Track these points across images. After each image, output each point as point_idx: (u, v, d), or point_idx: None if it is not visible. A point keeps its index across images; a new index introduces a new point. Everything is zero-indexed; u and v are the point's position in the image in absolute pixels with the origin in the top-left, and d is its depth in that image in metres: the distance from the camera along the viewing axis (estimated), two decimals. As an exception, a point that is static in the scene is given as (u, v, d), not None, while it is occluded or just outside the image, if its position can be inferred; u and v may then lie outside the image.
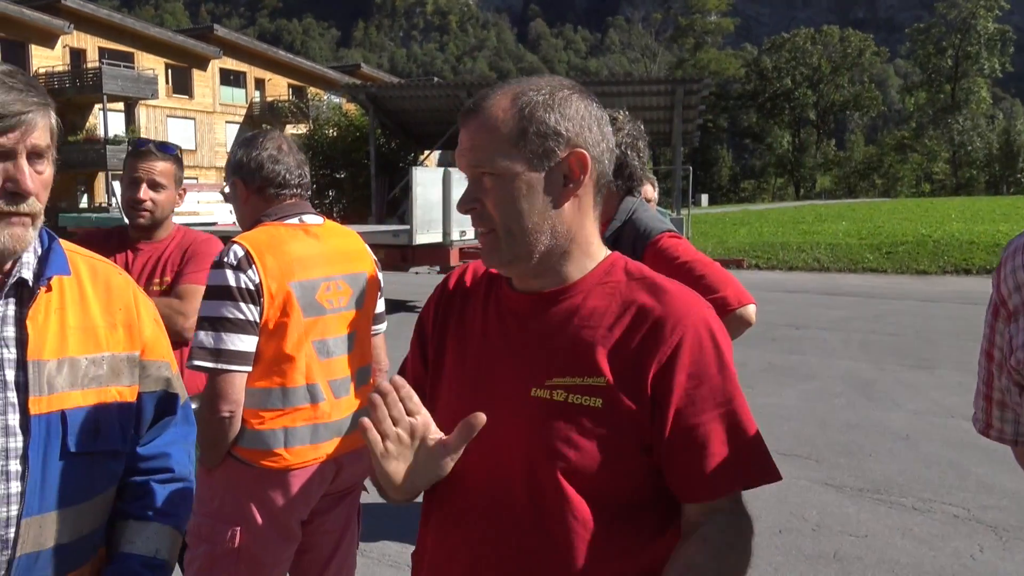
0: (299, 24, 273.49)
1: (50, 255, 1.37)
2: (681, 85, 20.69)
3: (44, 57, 33.60)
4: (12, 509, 1.28)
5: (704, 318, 1.22)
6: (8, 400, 1.29)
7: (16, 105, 1.23)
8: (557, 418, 1.18)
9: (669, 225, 2.41)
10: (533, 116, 1.19)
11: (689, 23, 78.09)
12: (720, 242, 23.26)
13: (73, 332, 1.37)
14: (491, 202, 1.21)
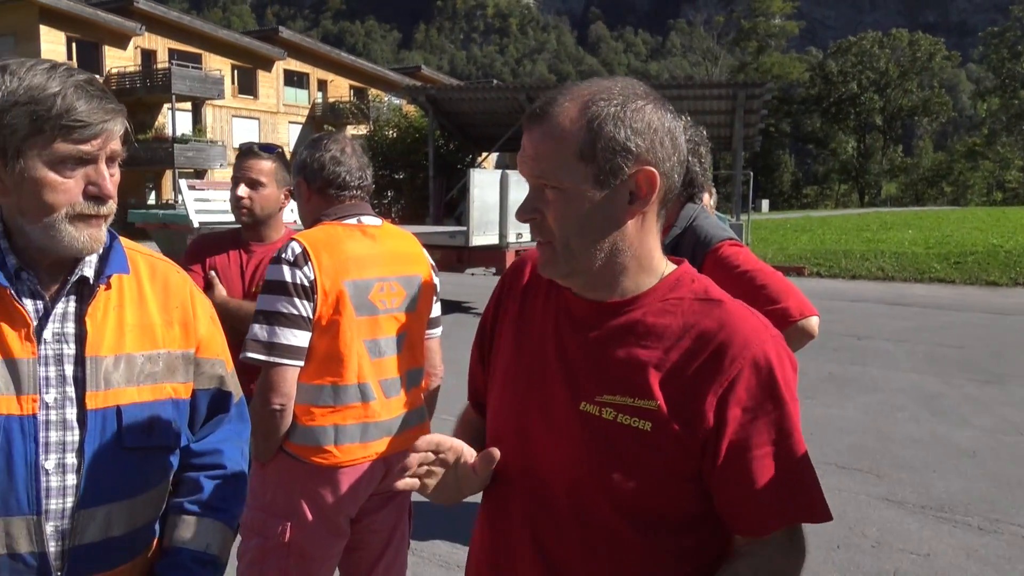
0: (361, 26, 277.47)
1: (111, 254, 1.41)
2: (743, 89, 20.40)
3: (116, 58, 34.65)
4: (68, 501, 1.32)
5: (765, 350, 1.17)
6: (67, 394, 1.32)
7: (98, 114, 1.27)
8: (604, 437, 1.16)
9: (730, 233, 2.36)
10: (602, 131, 1.14)
11: (752, 26, 76.93)
12: (780, 249, 22.86)
13: (131, 329, 1.40)
14: (552, 215, 1.17)
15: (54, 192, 1.27)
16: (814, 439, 5.98)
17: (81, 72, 1.31)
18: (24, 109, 1.24)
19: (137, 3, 35.15)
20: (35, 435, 1.29)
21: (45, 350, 1.31)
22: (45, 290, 1.34)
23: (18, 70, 1.26)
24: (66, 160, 1.27)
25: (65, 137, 1.25)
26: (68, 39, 32.89)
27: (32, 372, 1.29)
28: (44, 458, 1.30)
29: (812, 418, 6.55)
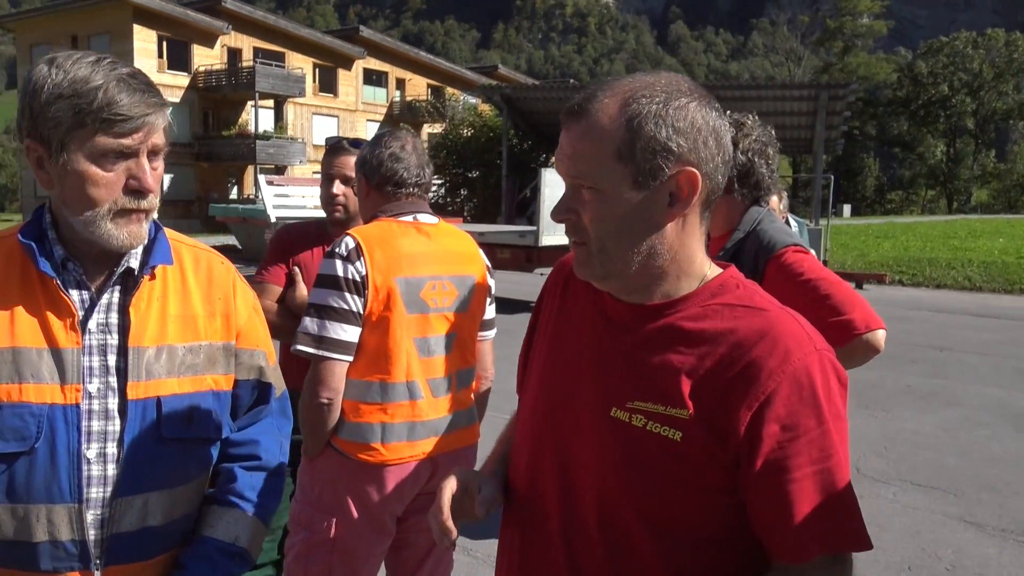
0: (441, 26, 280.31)
1: (155, 245, 1.41)
2: (825, 90, 19.84)
3: (204, 56, 35.75)
4: (108, 490, 1.33)
5: (807, 364, 1.09)
6: (110, 384, 1.33)
7: (140, 107, 1.27)
8: (633, 445, 1.12)
9: (796, 238, 2.24)
10: (642, 130, 1.08)
11: (838, 25, 74.78)
12: (861, 255, 22.18)
13: (173, 321, 1.40)
14: (588, 216, 1.12)
15: (95, 186, 1.28)
16: (888, 454, 5.76)
17: (125, 65, 1.31)
18: (68, 102, 1.25)
19: (225, 3, 36.22)
20: (78, 424, 1.30)
21: (89, 340, 1.33)
22: (91, 280, 1.36)
23: (64, 63, 1.27)
24: (107, 153, 1.27)
25: (106, 130, 1.26)
26: (159, 38, 34.10)
27: (76, 361, 1.30)
28: (86, 447, 1.31)
29: (887, 432, 6.30)
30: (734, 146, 2.22)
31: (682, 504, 1.11)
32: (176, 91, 34.78)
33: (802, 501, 1.07)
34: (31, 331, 1.29)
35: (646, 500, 1.12)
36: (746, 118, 2.30)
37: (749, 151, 2.25)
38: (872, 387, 7.88)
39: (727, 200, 2.29)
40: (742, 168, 2.25)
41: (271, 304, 2.78)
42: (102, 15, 34.27)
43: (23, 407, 1.27)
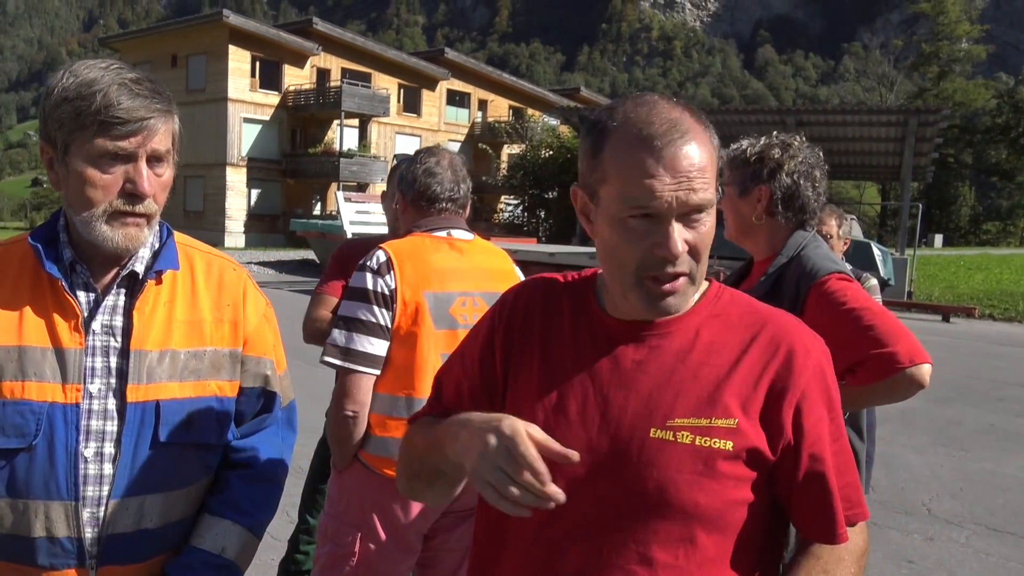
0: (526, 48, 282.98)
1: (163, 250, 1.44)
2: (915, 116, 19.20)
3: (294, 76, 36.90)
4: (104, 489, 1.35)
5: (821, 359, 1.20)
6: (110, 385, 1.35)
7: (140, 111, 1.30)
8: (684, 461, 1.11)
9: (841, 265, 2.13)
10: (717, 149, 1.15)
11: (934, 50, 72.43)
12: (949, 287, 21.29)
13: (179, 325, 1.42)
14: (705, 241, 1.13)
15: (93, 187, 1.30)
16: (964, 495, 5.47)
17: (133, 71, 1.34)
18: (71, 105, 1.28)
19: (316, 25, 37.41)
20: (77, 423, 1.32)
21: (93, 341, 1.35)
22: (97, 283, 1.38)
23: (77, 69, 1.31)
24: (104, 155, 1.29)
25: (104, 133, 1.28)
26: (253, 58, 35.36)
27: (78, 362, 1.33)
28: (84, 446, 1.33)
29: (965, 472, 6.00)
30: (779, 168, 2.16)
31: (736, 509, 1.14)
32: (267, 109, 35.99)
33: (837, 486, 1.16)
34: (37, 331, 1.33)
35: (702, 512, 1.12)
36: (793, 139, 2.21)
37: (795, 173, 2.16)
38: (952, 424, 7.52)
39: (770, 223, 2.21)
40: (787, 191, 2.16)
41: (327, 314, 2.82)
42: (200, 36, 35.78)
43: (24, 404, 1.30)
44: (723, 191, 2.31)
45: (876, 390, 1.98)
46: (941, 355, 11.81)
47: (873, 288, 3.73)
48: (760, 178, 2.17)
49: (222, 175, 34.75)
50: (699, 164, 1.09)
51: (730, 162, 2.24)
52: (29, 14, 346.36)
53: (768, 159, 2.16)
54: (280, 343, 1.61)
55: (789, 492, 1.17)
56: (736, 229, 2.28)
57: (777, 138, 2.21)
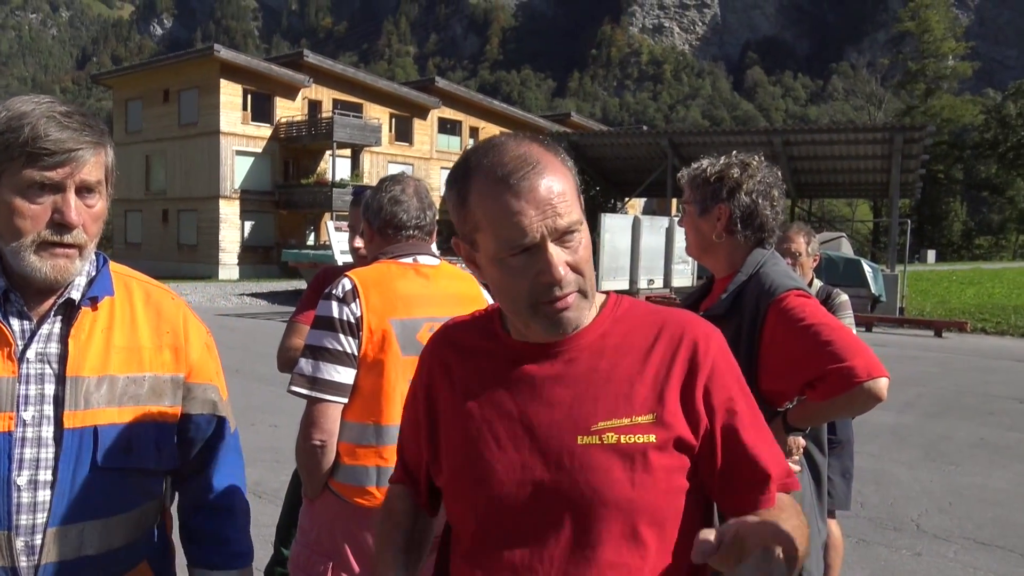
0: (517, 75, 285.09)
1: (98, 277, 1.45)
2: (900, 133, 19.38)
3: (286, 108, 37.10)
4: (39, 517, 1.34)
5: (720, 341, 1.27)
6: (44, 413, 1.36)
7: (68, 143, 1.31)
8: (614, 461, 1.17)
9: (799, 283, 2.15)
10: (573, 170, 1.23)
11: (920, 68, 73.08)
12: (941, 301, 21.36)
13: (117, 351, 1.43)
14: (583, 257, 1.21)
15: (21, 217, 1.32)
16: (953, 510, 5.47)
17: (64, 104, 1.36)
18: (2, 138, 1.30)
19: (307, 57, 37.66)
20: (8, 451, 1.32)
21: (27, 369, 1.35)
22: (32, 311, 1.39)
23: (11, 103, 1.34)
24: (33, 186, 1.31)
25: (32, 164, 1.30)
26: (244, 91, 35.57)
27: (10, 390, 1.33)
28: (16, 474, 1.33)
29: (954, 487, 5.99)
30: (738, 187, 2.20)
31: (667, 501, 1.19)
32: (259, 142, 36.16)
33: (759, 452, 1.22)
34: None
35: (636, 508, 1.17)
36: (752, 159, 2.25)
37: (754, 192, 2.20)
38: (941, 439, 7.52)
39: (730, 241, 2.23)
40: (745, 209, 2.19)
41: (300, 343, 2.83)
42: (192, 71, 36.02)
43: None
44: (684, 210, 2.34)
45: (835, 404, 1.99)
46: (933, 370, 11.82)
47: (844, 304, 3.76)
48: (720, 197, 2.20)
49: (215, 208, 34.82)
50: (558, 190, 1.15)
51: (690, 181, 2.28)
52: (23, 53, 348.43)
53: (727, 179, 2.19)
54: (221, 370, 1.64)
55: (713, 470, 1.22)
56: (696, 247, 2.31)
57: (736, 158, 2.24)
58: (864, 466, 6.46)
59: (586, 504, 1.16)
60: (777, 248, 3.77)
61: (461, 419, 1.27)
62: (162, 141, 37.07)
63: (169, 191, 36.88)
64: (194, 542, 1.58)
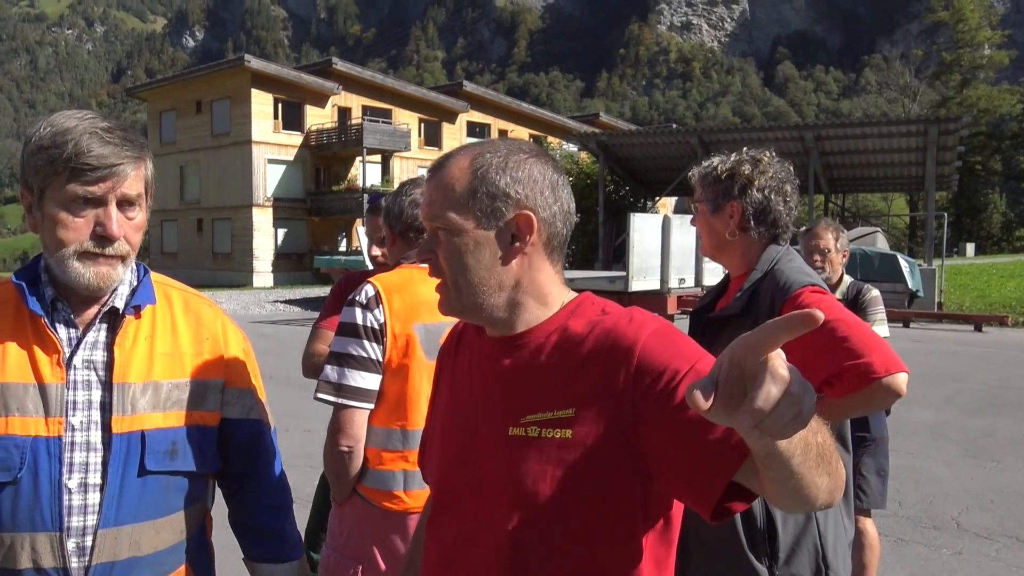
0: (545, 77, 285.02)
1: (140, 287, 1.50)
2: (935, 125, 19.06)
3: (316, 115, 37.48)
4: (90, 519, 1.39)
5: (661, 326, 1.25)
6: (92, 418, 1.41)
7: (109, 158, 1.36)
8: (531, 453, 1.23)
9: (815, 279, 2.12)
10: (485, 177, 1.26)
11: (955, 58, 71.82)
12: (981, 295, 20.95)
13: (160, 358, 1.48)
14: (442, 255, 1.28)
15: (64, 229, 1.37)
16: (995, 507, 5.37)
17: (106, 120, 1.41)
18: (46, 153, 1.36)
19: (336, 65, 38.04)
20: (60, 455, 1.38)
21: (74, 376, 1.41)
22: (78, 319, 1.45)
23: (54, 119, 1.39)
24: (76, 200, 1.36)
25: (75, 179, 1.35)
26: (275, 100, 36.00)
27: (60, 396, 1.39)
28: (67, 477, 1.38)
29: (996, 484, 5.88)
30: (750, 183, 2.16)
31: (585, 497, 1.20)
32: (290, 150, 36.56)
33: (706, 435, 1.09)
34: (19, 367, 1.38)
35: (551, 501, 1.21)
36: (763, 155, 2.21)
37: (766, 188, 2.16)
38: (983, 436, 7.39)
39: (744, 239, 2.20)
40: (758, 206, 2.16)
41: (325, 349, 2.86)
42: (223, 81, 36.53)
43: (8, 439, 1.35)
44: (695, 208, 2.31)
45: (854, 401, 1.96)
46: (973, 365, 11.61)
47: (875, 299, 3.70)
48: (731, 194, 2.18)
49: (249, 216, 35.27)
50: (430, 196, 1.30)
51: (701, 179, 2.25)
52: (60, 68, 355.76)
53: (739, 175, 2.17)
54: (259, 374, 1.70)
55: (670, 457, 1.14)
56: (710, 246, 2.29)
57: (747, 154, 2.21)
58: (902, 464, 6.36)
59: (507, 491, 1.24)
60: (805, 245, 3.74)
61: (440, 410, 1.44)
62: (195, 151, 37.62)
63: (203, 200, 37.41)
64: (255, 539, 1.68)
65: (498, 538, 1.25)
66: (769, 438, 0.85)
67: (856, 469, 3.54)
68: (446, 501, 1.36)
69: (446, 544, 1.34)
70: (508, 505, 1.24)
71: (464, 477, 1.32)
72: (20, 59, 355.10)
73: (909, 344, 13.87)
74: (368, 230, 3.08)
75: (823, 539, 2.04)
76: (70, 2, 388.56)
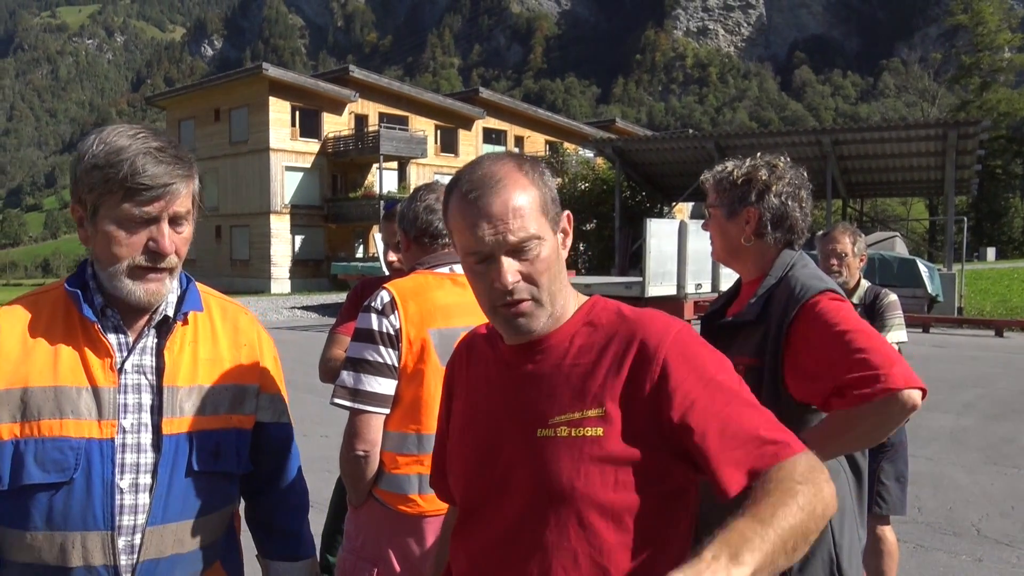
0: (561, 83, 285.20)
1: (187, 295, 1.56)
2: (954, 128, 18.92)
3: (333, 123, 37.70)
4: (140, 518, 1.45)
5: (680, 331, 1.29)
6: (142, 421, 1.46)
7: (163, 178, 1.40)
8: (562, 452, 1.25)
9: (830, 284, 2.08)
10: (548, 183, 1.31)
11: (974, 61, 71.22)
12: (1002, 300, 20.75)
13: (203, 363, 1.54)
14: (538, 268, 1.28)
15: (118, 246, 1.41)
16: (1016, 514, 5.33)
17: (157, 139, 1.44)
18: (101, 172, 1.39)
19: (352, 72, 38.26)
20: (112, 456, 1.42)
21: (126, 380, 1.46)
22: (128, 325, 1.49)
23: (107, 136, 1.42)
24: (131, 219, 1.40)
25: (131, 198, 1.39)
26: (292, 108, 36.25)
27: (112, 400, 1.43)
28: (120, 478, 1.43)
29: (1016, 490, 5.82)
30: (767, 189, 2.15)
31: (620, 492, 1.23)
32: (307, 157, 36.78)
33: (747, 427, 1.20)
34: (72, 371, 1.43)
35: (587, 498, 1.23)
36: (778, 160, 2.20)
37: (783, 194, 2.15)
38: (1004, 441, 7.31)
39: (759, 244, 2.19)
40: (775, 211, 2.14)
41: (341, 354, 2.88)
42: (241, 90, 36.83)
43: (63, 441, 1.40)
44: (709, 213, 2.29)
45: (866, 410, 1.86)
46: (994, 371, 11.49)
47: (893, 304, 3.67)
48: (748, 200, 2.16)
49: (266, 223, 35.51)
50: (514, 206, 1.25)
51: (716, 184, 2.23)
52: (80, 78, 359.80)
53: (756, 181, 2.15)
54: (284, 380, 1.76)
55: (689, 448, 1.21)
56: (723, 250, 2.27)
57: (762, 159, 2.20)
58: (921, 470, 6.31)
59: (539, 492, 1.26)
60: (822, 249, 3.72)
61: (458, 421, 1.45)
62: (214, 159, 37.92)
63: (222, 208, 37.69)
64: (275, 538, 1.74)
65: (530, 539, 1.27)
66: None
67: (875, 476, 3.50)
68: (473, 508, 1.37)
69: (475, 550, 1.35)
70: (541, 506, 1.26)
71: (491, 483, 1.33)
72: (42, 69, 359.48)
73: (929, 349, 13.75)
74: (384, 236, 3.10)
75: (838, 547, 2.00)
76: (91, 12, 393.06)
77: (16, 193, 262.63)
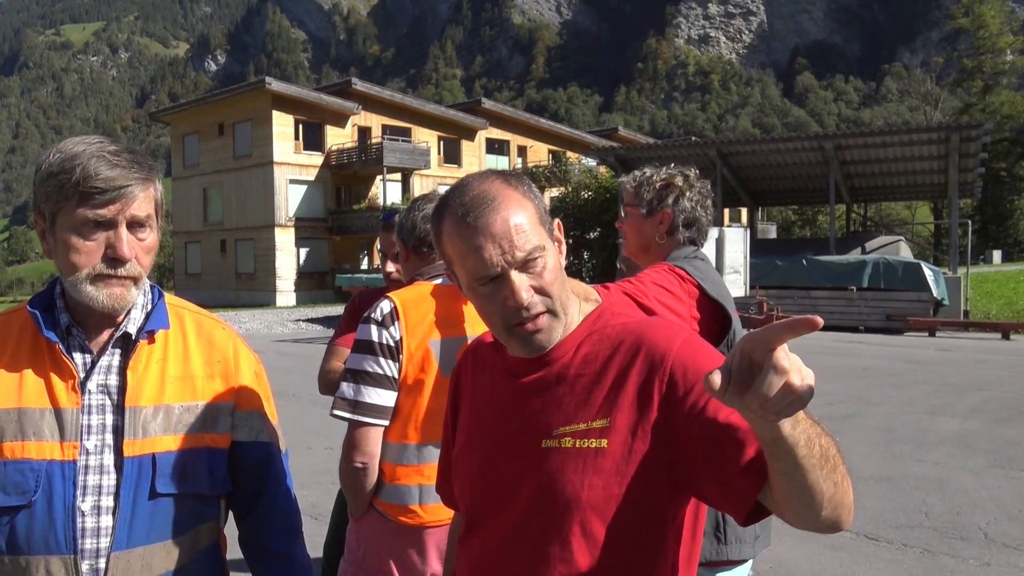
0: (564, 92, 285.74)
1: (154, 311, 1.52)
2: (956, 132, 18.88)
3: (336, 135, 37.81)
4: (103, 541, 1.41)
5: (687, 338, 1.28)
6: (105, 441, 1.42)
7: (117, 180, 1.38)
8: (567, 464, 1.25)
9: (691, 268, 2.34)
10: (538, 195, 1.33)
11: (977, 64, 71.16)
12: (1009, 303, 20.67)
13: (172, 381, 1.49)
14: (548, 280, 1.27)
15: (77, 253, 1.38)
16: (1022, 517, 5.28)
17: (113, 143, 1.42)
18: (56, 179, 1.37)
19: (355, 85, 38.39)
20: (74, 479, 1.39)
21: (89, 400, 1.42)
22: (92, 344, 1.46)
23: (64, 145, 1.41)
24: (87, 224, 1.38)
25: (85, 202, 1.36)
26: (296, 121, 36.39)
27: (75, 420, 1.40)
28: (81, 500, 1.39)
29: (1022, 494, 5.79)
30: (682, 195, 2.45)
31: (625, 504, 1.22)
32: (311, 170, 36.89)
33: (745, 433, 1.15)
34: (36, 392, 1.40)
35: (590, 509, 1.23)
36: (689, 171, 2.50)
37: (694, 200, 2.45)
38: (1011, 445, 7.28)
39: (671, 241, 2.46)
40: (688, 214, 2.45)
41: (340, 365, 2.88)
42: (245, 104, 36.98)
43: (24, 463, 1.37)
44: (626, 212, 2.57)
45: None
46: (1001, 374, 11.45)
47: None
48: (665, 202, 2.44)
49: (271, 236, 35.60)
50: (515, 222, 1.24)
51: (636, 187, 2.51)
52: (85, 95, 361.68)
53: (673, 186, 2.44)
54: (271, 396, 1.69)
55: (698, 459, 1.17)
56: (636, 246, 2.54)
57: (676, 169, 2.51)
58: (928, 474, 6.29)
59: (543, 502, 1.26)
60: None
61: (463, 430, 1.45)
62: (218, 173, 38.06)
63: (226, 222, 37.79)
64: (263, 560, 1.68)
65: (534, 548, 1.27)
66: (773, 417, 0.94)
67: None
68: (478, 516, 1.37)
69: (477, 559, 1.35)
70: (544, 516, 1.26)
71: (495, 492, 1.33)
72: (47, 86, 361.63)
73: (935, 353, 13.71)
74: (382, 248, 3.11)
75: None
76: (95, 29, 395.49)
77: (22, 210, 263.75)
